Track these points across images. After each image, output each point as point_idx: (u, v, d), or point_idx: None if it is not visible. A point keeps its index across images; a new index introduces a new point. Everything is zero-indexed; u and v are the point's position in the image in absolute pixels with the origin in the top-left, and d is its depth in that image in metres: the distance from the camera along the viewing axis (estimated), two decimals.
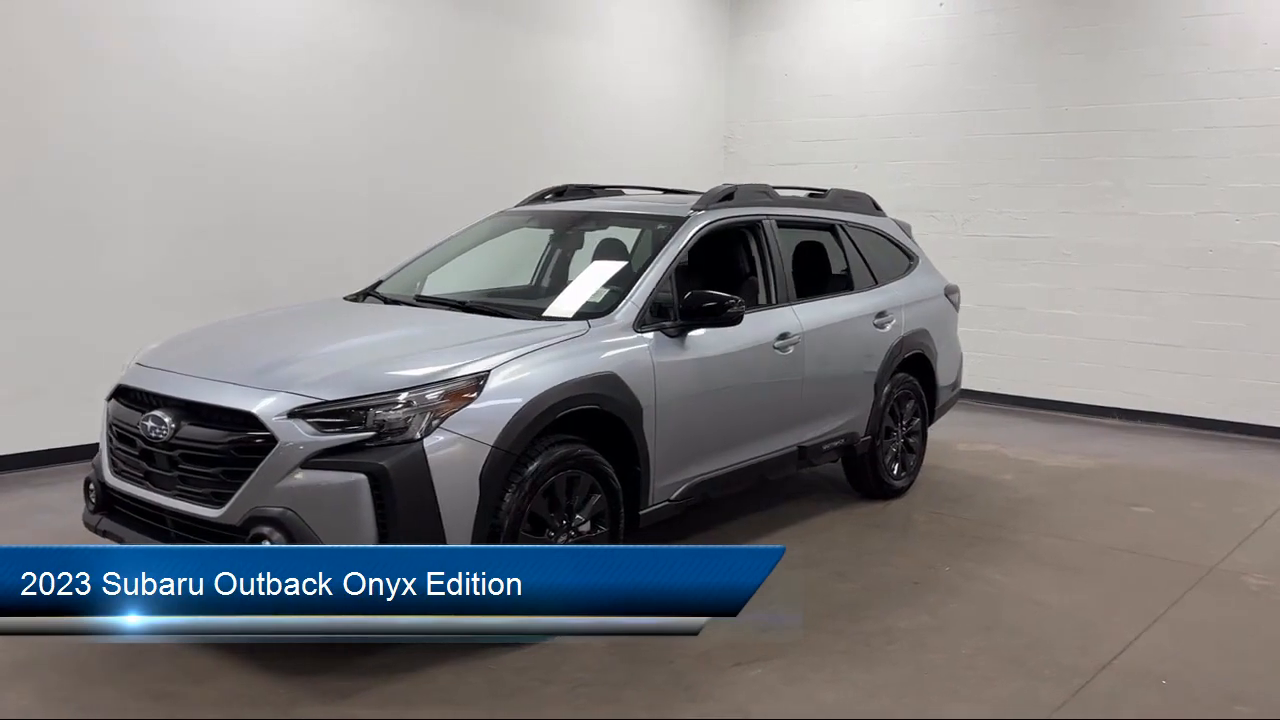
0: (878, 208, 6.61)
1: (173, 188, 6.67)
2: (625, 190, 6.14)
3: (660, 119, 10.39)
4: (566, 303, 4.71)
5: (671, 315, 4.63)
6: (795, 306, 5.40)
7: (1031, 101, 9.18)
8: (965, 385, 9.50)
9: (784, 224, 5.67)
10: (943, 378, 6.61)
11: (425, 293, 5.05)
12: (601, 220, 5.43)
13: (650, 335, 4.50)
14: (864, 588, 4.80)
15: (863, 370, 5.85)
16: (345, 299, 5.08)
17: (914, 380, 6.34)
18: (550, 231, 5.52)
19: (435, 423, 3.64)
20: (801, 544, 5.37)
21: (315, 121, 7.40)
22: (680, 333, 4.62)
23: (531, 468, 3.89)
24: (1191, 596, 4.84)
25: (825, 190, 6.24)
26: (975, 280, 9.48)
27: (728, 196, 5.35)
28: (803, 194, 6.14)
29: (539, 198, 5.96)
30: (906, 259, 6.59)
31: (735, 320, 4.68)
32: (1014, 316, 9.40)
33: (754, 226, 5.44)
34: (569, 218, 5.58)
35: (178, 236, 6.73)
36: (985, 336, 9.51)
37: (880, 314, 5.99)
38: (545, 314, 4.57)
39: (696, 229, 5.00)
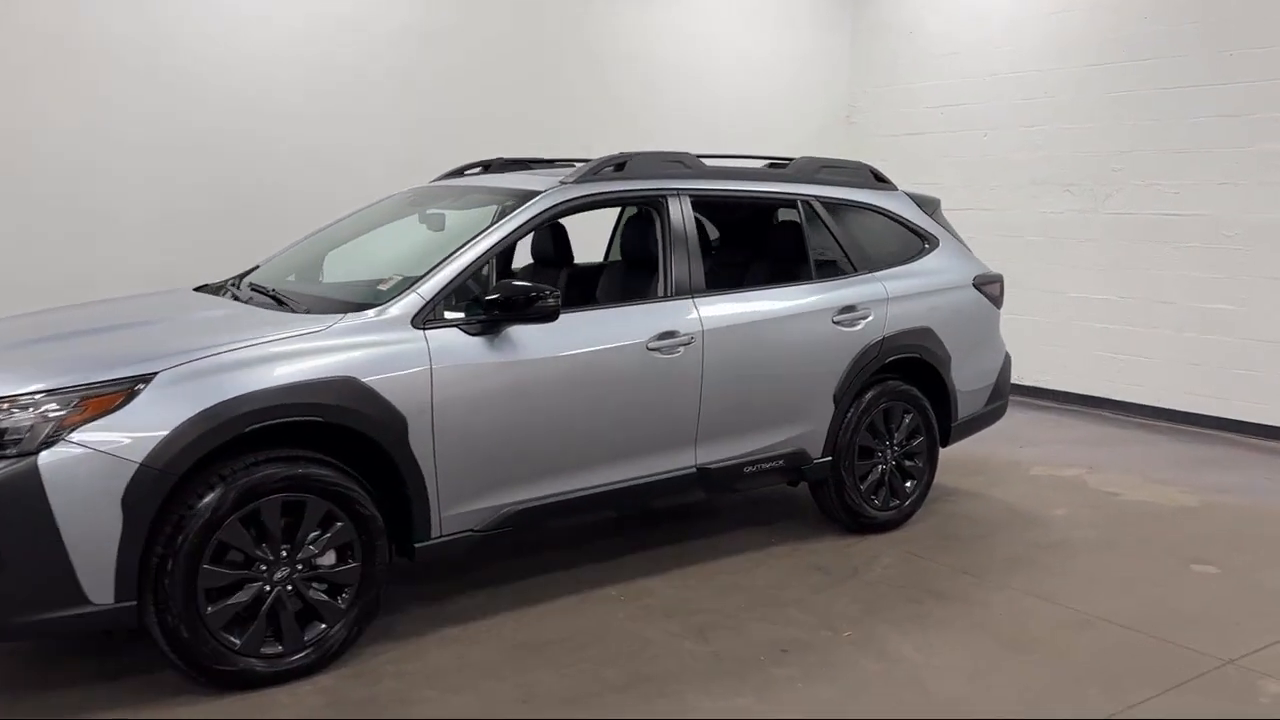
0: (882, 180, 5.45)
1: (175, 182, 6.39)
2: (576, 164, 5.34)
3: (771, 90, 9.35)
4: (340, 293, 4.05)
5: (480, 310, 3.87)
6: (699, 300, 4.45)
7: (1189, 47, 7.47)
8: (1093, 393, 8.07)
9: (706, 201, 4.73)
10: (962, 384, 5.36)
11: (265, 282, 4.47)
12: (464, 197, 4.70)
13: (439, 333, 3.76)
14: (713, 652, 3.83)
15: (812, 376, 4.78)
16: (194, 290, 4.63)
17: (911, 389, 5.17)
18: (417, 211, 4.82)
19: (61, 433, 3.10)
20: (693, 586, 4.43)
21: (337, 105, 6.95)
22: (485, 330, 3.85)
23: (213, 492, 3.29)
24: (1165, 701, 3.53)
25: (787, 159, 5.19)
26: (1116, 267, 7.94)
27: (618, 166, 4.50)
28: (759, 164, 5.15)
29: (458, 172, 5.31)
30: (919, 242, 5.39)
31: (547, 316, 3.85)
32: (1161, 312, 7.72)
33: (653, 203, 4.54)
34: (437, 194, 4.89)
35: (181, 231, 6.47)
36: (1126, 336, 7.92)
37: (846, 309, 4.89)
38: (314, 305, 3.92)
39: (543, 208, 4.19)
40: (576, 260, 5.47)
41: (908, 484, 5.24)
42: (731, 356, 4.49)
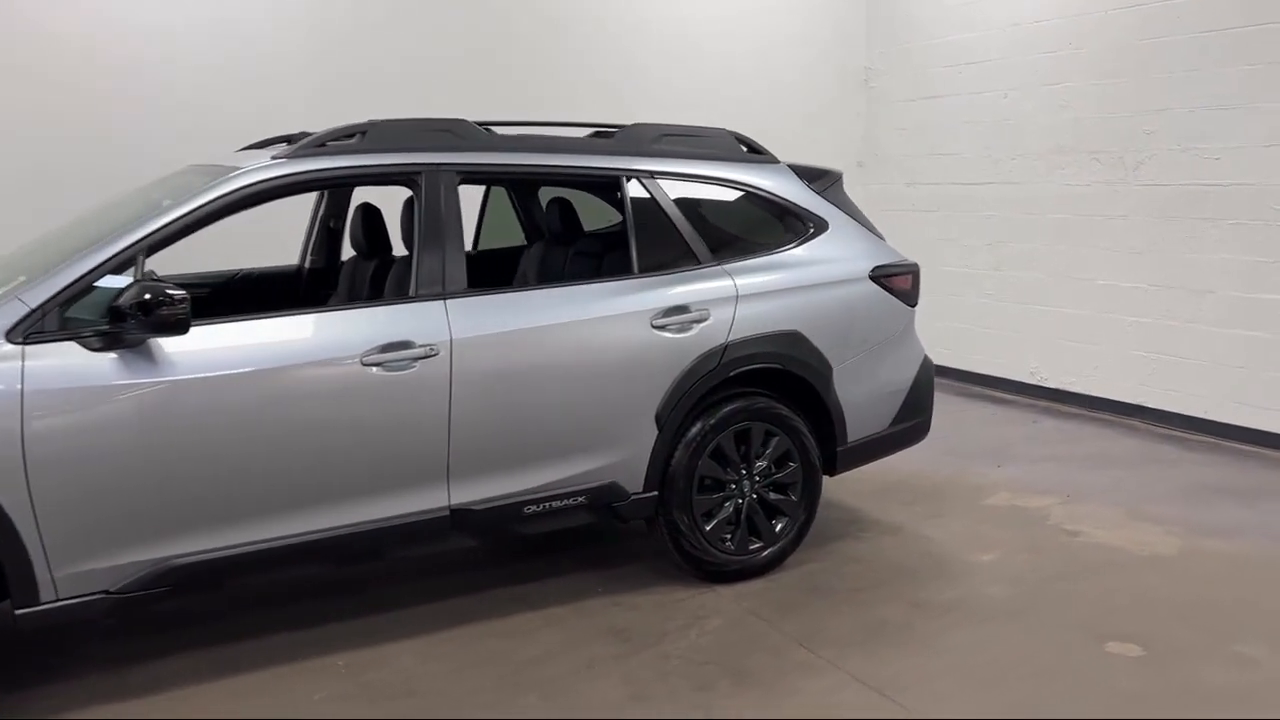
0: (755, 150, 4.46)
1: (52, 151, 5.86)
2: None
3: (774, 52, 8.27)
4: None
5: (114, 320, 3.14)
6: (454, 302, 3.61)
7: None
8: (1126, 399, 6.78)
9: (484, 178, 3.89)
10: (852, 400, 4.34)
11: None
12: (181, 179, 3.93)
13: (48, 348, 3.05)
14: None
15: (619, 393, 3.87)
16: None
17: (776, 407, 4.19)
18: (155, 195, 4.09)
19: None
20: (445, 655, 3.61)
21: (244, 68, 6.33)
22: (114, 345, 3.12)
23: None
24: None
25: (615, 127, 4.26)
26: (1147, 249, 6.67)
27: (360, 135, 3.70)
28: (584, 133, 4.26)
29: (259, 145, 4.54)
30: (801, 226, 4.38)
31: (173, 327, 3.09)
32: (1199, 302, 6.38)
33: (406, 183, 3.72)
34: (185, 175, 4.12)
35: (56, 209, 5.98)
36: (1160, 331, 6.61)
37: (674, 310, 3.95)
38: None
39: (225, 192, 3.42)
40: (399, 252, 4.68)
41: (777, 523, 4.26)
42: (497, 372, 3.64)
